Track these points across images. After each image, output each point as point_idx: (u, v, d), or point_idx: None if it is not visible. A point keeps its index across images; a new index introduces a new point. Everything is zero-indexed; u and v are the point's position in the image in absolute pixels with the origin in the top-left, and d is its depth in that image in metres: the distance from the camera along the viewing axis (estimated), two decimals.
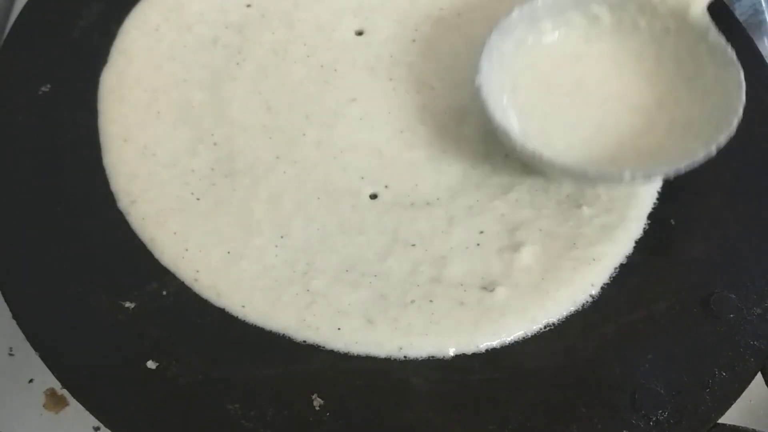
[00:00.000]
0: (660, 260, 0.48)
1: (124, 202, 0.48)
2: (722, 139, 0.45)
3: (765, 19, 0.65)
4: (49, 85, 0.51)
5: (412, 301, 0.45)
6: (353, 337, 0.44)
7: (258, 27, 0.55)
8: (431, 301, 0.45)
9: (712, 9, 0.56)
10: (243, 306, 0.45)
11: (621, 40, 0.51)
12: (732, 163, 0.51)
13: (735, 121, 0.46)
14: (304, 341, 0.44)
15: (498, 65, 0.49)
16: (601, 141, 0.49)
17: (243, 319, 0.45)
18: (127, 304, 0.45)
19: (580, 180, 0.49)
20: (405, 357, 0.44)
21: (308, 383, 0.43)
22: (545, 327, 0.46)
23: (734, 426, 0.43)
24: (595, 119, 0.49)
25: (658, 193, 0.51)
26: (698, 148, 0.46)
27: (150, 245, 0.47)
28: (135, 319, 0.44)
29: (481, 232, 0.48)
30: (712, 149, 0.45)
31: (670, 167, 0.46)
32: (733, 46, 0.55)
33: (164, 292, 0.45)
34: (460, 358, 0.44)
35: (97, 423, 0.43)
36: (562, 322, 0.46)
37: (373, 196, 0.49)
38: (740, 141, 0.52)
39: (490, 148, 0.50)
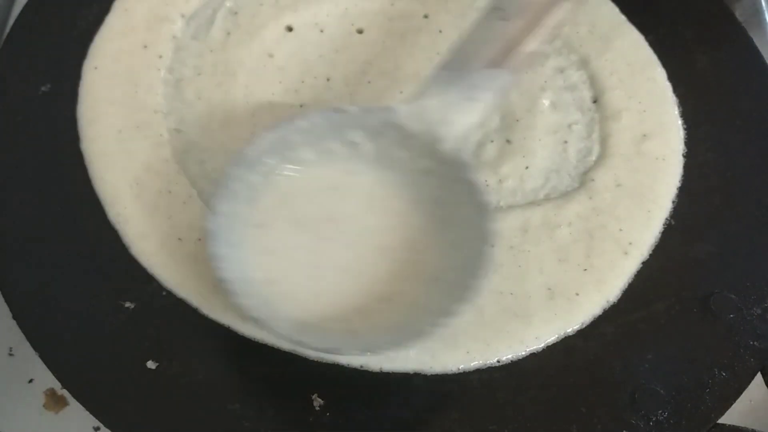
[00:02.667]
0: (660, 260, 0.48)
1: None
2: (457, 312, 0.40)
3: (765, 19, 0.65)
4: (49, 85, 0.51)
5: None
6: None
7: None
8: None
9: (711, 9, 0.57)
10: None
11: (382, 174, 0.46)
12: (732, 163, 0.51)
13: (471, 294, 0.40)
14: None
15: (245, 199, 0.44)
16: (348, 287, 0.43)
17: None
18: (127, 304, 0.45)
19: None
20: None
21: (308, 383, 0.43)
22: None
23: (734, 426, 0.43)
24: (341, 261, 0.44)
25: None
26: (442, 299, 0.41)
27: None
28: (135, 319, 0.44)
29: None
30: (437, 327, 0.40)
31: (392, 340, 0.41)
32: (733, 46, 0.56)
33: (164, 292, 0.45)
34: None
35: (97, 423, 0.43)
36: None
37: None
38: (740, 141, 0.52)
39: None
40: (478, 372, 0.44)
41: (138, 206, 0.47)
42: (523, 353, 0.44)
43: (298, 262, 0.44)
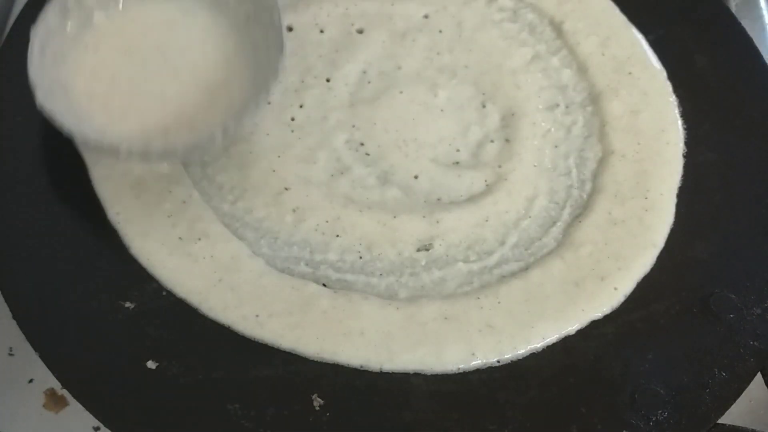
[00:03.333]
0: (660, 260, 0.48)
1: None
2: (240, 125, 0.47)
3: (765, 19, 0.65)
4: None
5: None
6: None
7: None
8: None
9: (711, 9, 0.57)
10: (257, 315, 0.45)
11: (214, 16, 0.50)
12: (732, 163, 0.51)
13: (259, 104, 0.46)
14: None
15: (78, 21, 0.48)
16: (159, 110, 0.48)
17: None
18: (127, 304, 0.45)
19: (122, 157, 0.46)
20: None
21: (308, 383, 0.43)
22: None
23: (734, 426, 0.43)
24: (159, 88, 0.48)
25: None
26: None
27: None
28: (135, 319, 0.44)
29: None
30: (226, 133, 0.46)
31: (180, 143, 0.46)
32: (733, 46, 0.56)
33: (164, 292, 0.45)
34: None
35: (97, 423, 0.43)
36: None
37: None
38: (740, 141, 0.52)
39: None
40: (478, 372, 0.44)
41: (138, 206, 0.47)
42: (522, 352, 0.44)
43: (119, 84, 0.48)
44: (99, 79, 0.48)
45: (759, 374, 0.44)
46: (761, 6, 0.66)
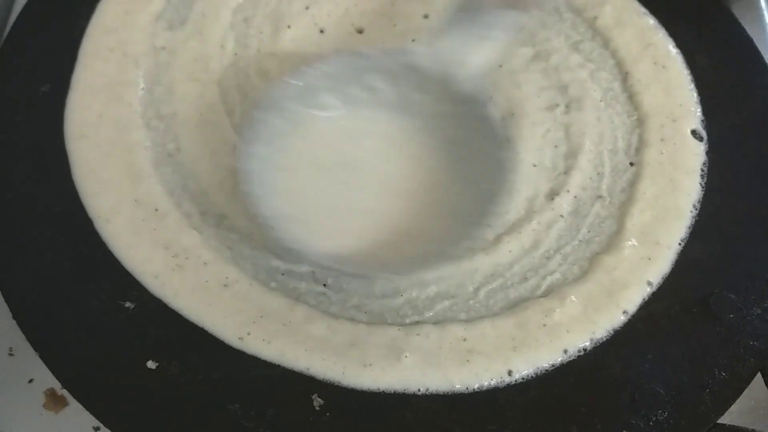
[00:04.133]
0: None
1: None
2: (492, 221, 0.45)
3: (765, 19, 0.65)
4: (49, 85, 0.51)
5: None
6: None
7: None
8: None
9: (711, 9, 0.57)
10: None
11: (400, 119, 0.48)
12: (732, 163, 0.51)
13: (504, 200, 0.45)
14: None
15: (270, 142, 0.46)
16: (372, 228, 0.46)
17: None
18: (127, 304, 0.45)
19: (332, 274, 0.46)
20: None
21: (308, 383, 0.43)
22: None
23: (734, 426, 0.43)
24: (364, 204, 0.47)
25: None
26: (463, 230, 0.45)
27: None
28: (135, 319, 0.44)
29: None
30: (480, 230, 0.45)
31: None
32: (733, 46, 0.55)
33: None
34: None
35: (97, 423, 0.43)
36: None
37: None
38: (740, 141, 0.52)
39: None
40: None
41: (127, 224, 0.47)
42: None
43: (323, 204, 0.46)
44: (300, 201, 0.46)
45: (759, 374, 0.44)
46: (761, 6, 0.66)
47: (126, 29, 0.53)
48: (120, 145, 0.49)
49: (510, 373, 0.44)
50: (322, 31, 0.56)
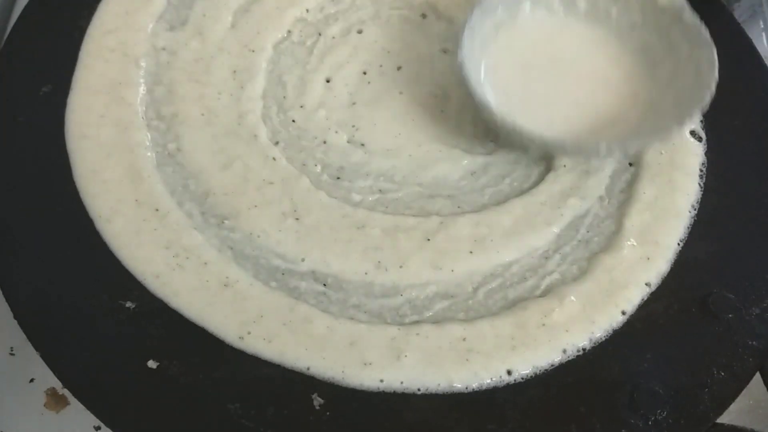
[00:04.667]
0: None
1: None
2: (695, 115, 0.48)
3: (765, 19, 0.65)
4: (49, 85, 0.51)
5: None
6: None
7: None
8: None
9: (711, 9, 0.57)
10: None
11: (592, 27, 0.55)
12: (732, 163, 0.51)
13: (708, 98, 0.48)
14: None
15: (478, 45, 0.52)
16: (578, 116, 0.51)
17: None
18: (127, 304, 0.45)
19: (559, 153, 0.51)
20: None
21: (308, 383, 0.43)
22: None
23: (733, 426, 0.43)
24: (570, 96, 0.52)
25: None
26: (669, 125, 0.48)
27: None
28: (135, 319, 0.44)
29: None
30: (684, 126, 0.49)
31: (643, 141, 0.49)
32: (733, 46, 0.56)
33: None
34: None
35: (97, 422, 0.43)
36: None
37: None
38: (740, 141, 0.52)
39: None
40: None
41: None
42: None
43: (528, 97, 0.52)
44: (512, 96, 0.52)
45: (758, 374, 0.44)
46: (761, 6, 0.66)
47: (126, 30, 0.53)
48: (121, 146, 0.49)
49: (509, 372, 0.44)
50: (320, 34, 0.56)
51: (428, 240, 0.48)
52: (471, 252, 0.47)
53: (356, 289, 0.46)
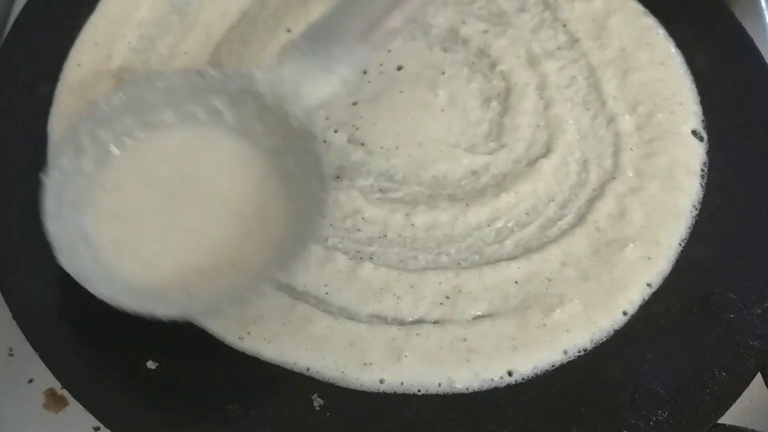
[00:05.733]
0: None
1: None
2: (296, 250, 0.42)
3: (765, 19, 0.65)
4: (49, 85, 0.51)
5: None
6: None
7: None
8: None
9: (711, 9, 0.57)
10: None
11: (239, 144, 0.47)
12: (732, 163, 0.51)
13: (306, 240, 0.43)
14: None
15: (94, 158, 0.44)
16: (194, 249, 0.44)
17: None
18: None
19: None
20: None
21: (308, 383, 0.43)
22: None
23: (734, 426, 0.43)
24: (191, 223, 0.45)
25: None
26: (277, 267, 0.43)
27: None
28: (135, 319, 0.44)
29: None
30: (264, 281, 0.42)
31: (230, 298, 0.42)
32: (733, 45, 0.56)
33: None
34: None
35: (97, 423, 0.43)
36: None
37: None
38: (740, 141, 0.52)
39: None
40: None
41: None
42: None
43: (147, 223, 0.44)
44: (124, 222, 0.44)
45: (759, 374, 0.44)
46: (761, 6, 0.66)
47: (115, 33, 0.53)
48: None
49: (510, 373, 0.44)
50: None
51: None
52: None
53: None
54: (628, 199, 0.50)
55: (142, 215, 0.45)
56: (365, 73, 0.54)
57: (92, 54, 0.53)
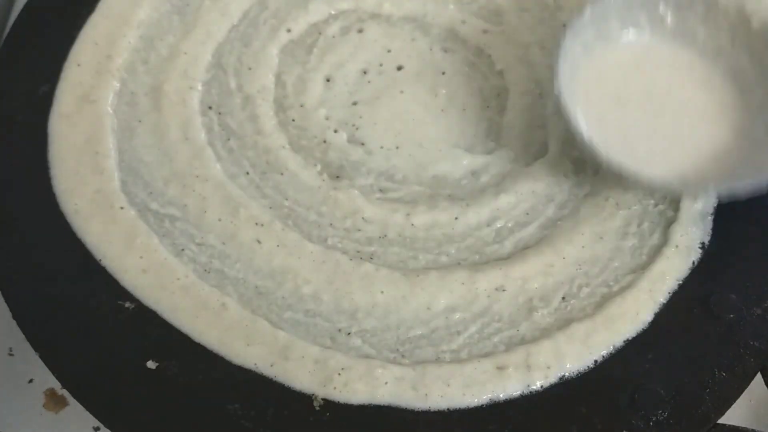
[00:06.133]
0: None
1: None
2: None
3: None
4: (49, 85, 0.51)
5: None
6: None
7: None
8: None
9: None
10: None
11: (680, 49, 0.52)
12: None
13: None
14: None
15: (569, 71, 0.49)
16: (679, 152, 0.49)
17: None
18: (127, 304, 0.45)
19: (665, 193, 0.49)
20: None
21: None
22: None
23: (734, 426, 0.43)
24: (667, 130, 0.50)
25: None
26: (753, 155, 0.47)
27: None
28: (135, 319, 0.44)
29: None
30: None
31: (754, 181, 0.46)
32: None
33: None
34: None
35: (97, 423, 0.43)
36: None
37: None
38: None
39: None
40: None
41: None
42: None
43: (625, 132, 0.49)
44: (606, 133, 0.48)
45: (759, 374, 0.44)
46: None
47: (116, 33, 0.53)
48: None
49: None
50: (320, 33, 0.56)
51: None
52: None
53: None
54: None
55: (621, 126, 0.49)
56: (365, 73, 0.55)
57: (92, 54, 0.53)
